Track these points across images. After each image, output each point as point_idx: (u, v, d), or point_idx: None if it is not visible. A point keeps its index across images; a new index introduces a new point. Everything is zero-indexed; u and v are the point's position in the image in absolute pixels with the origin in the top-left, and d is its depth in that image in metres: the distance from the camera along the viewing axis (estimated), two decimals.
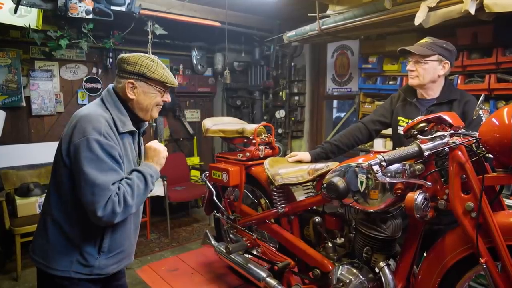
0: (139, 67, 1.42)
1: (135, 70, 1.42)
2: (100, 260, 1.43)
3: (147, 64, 1.42)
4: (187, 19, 3.74)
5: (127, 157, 1.44)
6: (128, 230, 1.51)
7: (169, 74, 1.49)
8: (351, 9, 2.91)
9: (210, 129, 2.60)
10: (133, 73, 1.42)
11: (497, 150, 1.35)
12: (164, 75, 1.46)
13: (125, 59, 1.43)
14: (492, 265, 1.38)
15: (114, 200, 1.30)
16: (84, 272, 1.41)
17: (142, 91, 1.45)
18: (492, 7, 2.12)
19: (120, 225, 1.45)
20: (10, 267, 3.07)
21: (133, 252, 1.62)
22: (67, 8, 2.79)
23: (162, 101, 1.51)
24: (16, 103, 3.55)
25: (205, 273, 2.98)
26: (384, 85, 3.57)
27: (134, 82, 1.43)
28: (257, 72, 4.80)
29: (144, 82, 1.44)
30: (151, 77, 1.43)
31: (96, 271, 1.43)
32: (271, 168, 2.22)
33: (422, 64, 1.92)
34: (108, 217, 1.30)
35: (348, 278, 1.78)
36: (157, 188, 3.70)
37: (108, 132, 1.34)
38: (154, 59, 1.47)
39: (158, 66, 1.45)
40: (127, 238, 1.51)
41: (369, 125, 2.23)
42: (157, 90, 1.47)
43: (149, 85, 1.45)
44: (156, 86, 1.46)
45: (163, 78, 1.45)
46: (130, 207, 1.35)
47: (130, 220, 1.51)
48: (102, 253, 1.43)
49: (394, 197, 1.57)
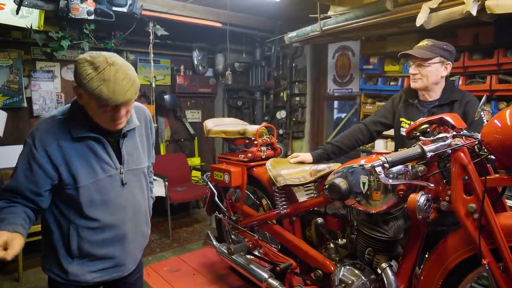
0: (79, 75, 1.19)
1: (77, 77, 1.21)
2: (73, 266, 1.38)
3: (83, 71, 1.17)
4: (189, 20, 3.75)
5: (85, 164, 1.33)
6: (104, 240, 1.40)
7: (110, 88, 1.17)
8: (352, 10, 2.92)
9: (212, 130, 2.61)
10: (75, 79, 1.22)
11: (499, 152, 1.35)
12: (97, 89, 1.16)
13: (77, 60, 1.23)
14: (494, 266, 1.38)
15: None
16: (62, 276, 1.40)
17: (85, 102, 1.26)
18: (493, 8, 2.12)
19: (85, 233, 1.37)
20: (12, 267, 3.07)
21: (125, 263, 1.50)
22: (69, 9, 2.80)
23: (112, 117, 1.27)
24: (17, 103, 3.56)
25: (206, 273, 2.99)
26: (385, 86, 3.57)
27: (77, 89, 1.24)
28: (258, 72, 4.81)
29: (85, 92, 1.20)
30: (88, 91, 1.19)
31: (71, 277, 1.39)
32: (273, 169, 2.22)
33: (425, 67, 1.92)
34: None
35: (350, 279, 1.79)
36: (158, 189, 3.70)
37: (44, 140, 1.29)
38: (101, 65, 1.17)
39: (99, 75, 1.16)
40: (102, 247, 1.40)
41: (370, 126, 2.23)
42: (96, 106, 1.23)
43: (89, 94, 1.20)
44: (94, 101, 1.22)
45: (95, 92, 1.17)
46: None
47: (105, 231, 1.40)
48: (75, 258, 1.38)
49: (396, 198, 1.57)
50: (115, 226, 1.42)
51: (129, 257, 1.51)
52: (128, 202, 1.46)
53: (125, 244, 1.47)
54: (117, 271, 1.49)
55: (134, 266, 1.58)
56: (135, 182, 1.48)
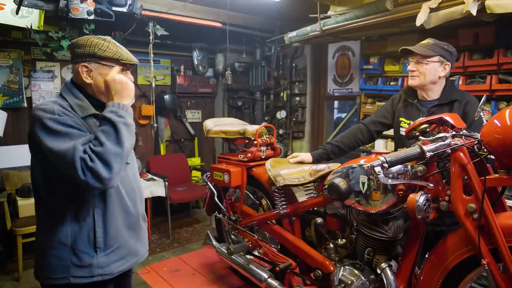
0: (89, 47, 1.32)
1: (86, 51, 1.32)
2: (98, 258, 1.33)
3: (97, 43, 1.33)
4: (188, 20, 3.75)
5: None
6: (125, 222, 1.42)
7: (124, 51, 1.38)
8: (353, 10, 2.91)
9: (211, 130, 2.61)
10: (84, 55, 1.33)
11: (499, 152, 1.34)
12: (118, 52, 1.35)
13: (75, 43, 1.35)
14: (494, 267, 1.38)
15: (84, 157, 1.19)
16: (84, 274, 1.32)
17: (99, 73, 1.35)
18: (493, 8, 2.12)
19: (112, 217, 1.37)
20: (12, 267, 3.08)
21: (140, 248, 1.52)
22: (69, 9, 2.80)
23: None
24: (17, 103, 3.56)
25: (206, 274, 2.98)
26: (385, 86, 3.57)
27: (88, 65, 1.33)
28: (258, 72, 4.80)
29: (97, 63, 1.34)
30: (103, 56, 1.33)
31: (97, 271, 1.33)
32: (272, 169, 2.22)
33: (423, 65, 1.92)
34: (91, 176, 1.19)
35: (349, 279, 1.78)
36: (158, 189, 3.71)
37: (63, 111, 1.27)
38: (106, 38, 1.37)
39: (110, 44, 1.35)
40: (124, 230, 1.42)
41: (370, 126, 2.23)
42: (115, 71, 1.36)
43: (104, 65, 1.34)
44: (112, 65, 1.35)
45: (117, 55, 1.35)
46: (105, 153, 1.20)
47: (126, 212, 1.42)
48: (98, 249, 1.34)
49: (396, 198, 1.57)
50: (132, 207, 1.45)
51: (142, 241, 1.53)
52: (134, 183, 1.50)
53: (139, 227, 1.50)
54: (135, 257, 1.49)
55: (146, 253, 1.59)
56: (132, 162, 1.53)
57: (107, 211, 1.35)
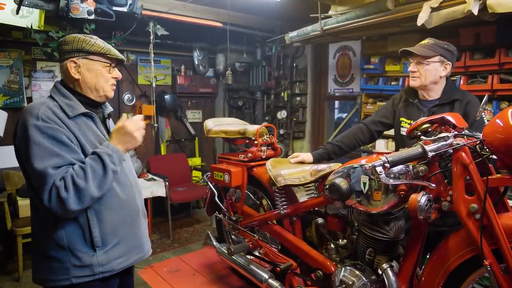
0: (77, 43, 1.35)
1: (74, 47, 1.35)
2: (98, 256, 1.33)
3: (84, 39, 1.37)
4: (189, 20, 3.74)
5: (88, 141, 1.35)
6: (123, 218, 1.42)
7: (110, 47, 1.42)
8: (353, 10, 2.91)
9: (212, 129, 2.60)
10: (72, 51, 1.36)
11: (501, 151, 1.34)
12: (105, 47, 1.39)
13: (62, 41, 1.38)
14: (496, 267, 1.37)
15: (59, 185, 1.19)
16: (85, 274, 1.32)
17: (87, 69, 1.37)
18: (495, 7, 2.11)
19: (107, 215, 1.36)
20: (12, 267, 3.07)
21: (143, 244, 1.52)
22: (69, 9, 2.80)
23: (111, 78, 1.44)
24: (18, 103, 3.55)
25: (206, 274, 2.98)
26: (386, 86, 3.56)
27: (76, 60, 1.36)
28: (259, 72, 4.80)
29: (85, 59, 1.37)
30: (91, 51, 1.36)
31: (98, 269, 1.33)
32: (273, 169, 2.21)
33: (424, 65, 1.91)
34: (56, 204, 1.20)
35: (350, 280, 1.78)
36: (158, 189, 3.70)
37: (48, 115, 1.27)
38: (93, 36, 1.42)
39: (98, 40, 1.40)
40: (123, 226, 1.41)
41: (371, 126, 2.22)
42: (101, 66, 1.40)
43: (92, 60, 1.38)
44: (99, 60, 1.39)
45: (104, 49, 1.39)
46: (85, 191, 1.22)
47: (122, 207, 1.42)
48: (97, 248, 1.34)
49: (397, 198, 1.56)
50: (129, 202, 1.45)
51: (144, 236, 1.53)
52: (130, 178, 1.50)
53: (139, 221, 1.51)
54: (137, 253, 1.49)
55: (150, 250, 1.59)
56: (127, 158, 1.53)
57: (101, 209, 1.35)
